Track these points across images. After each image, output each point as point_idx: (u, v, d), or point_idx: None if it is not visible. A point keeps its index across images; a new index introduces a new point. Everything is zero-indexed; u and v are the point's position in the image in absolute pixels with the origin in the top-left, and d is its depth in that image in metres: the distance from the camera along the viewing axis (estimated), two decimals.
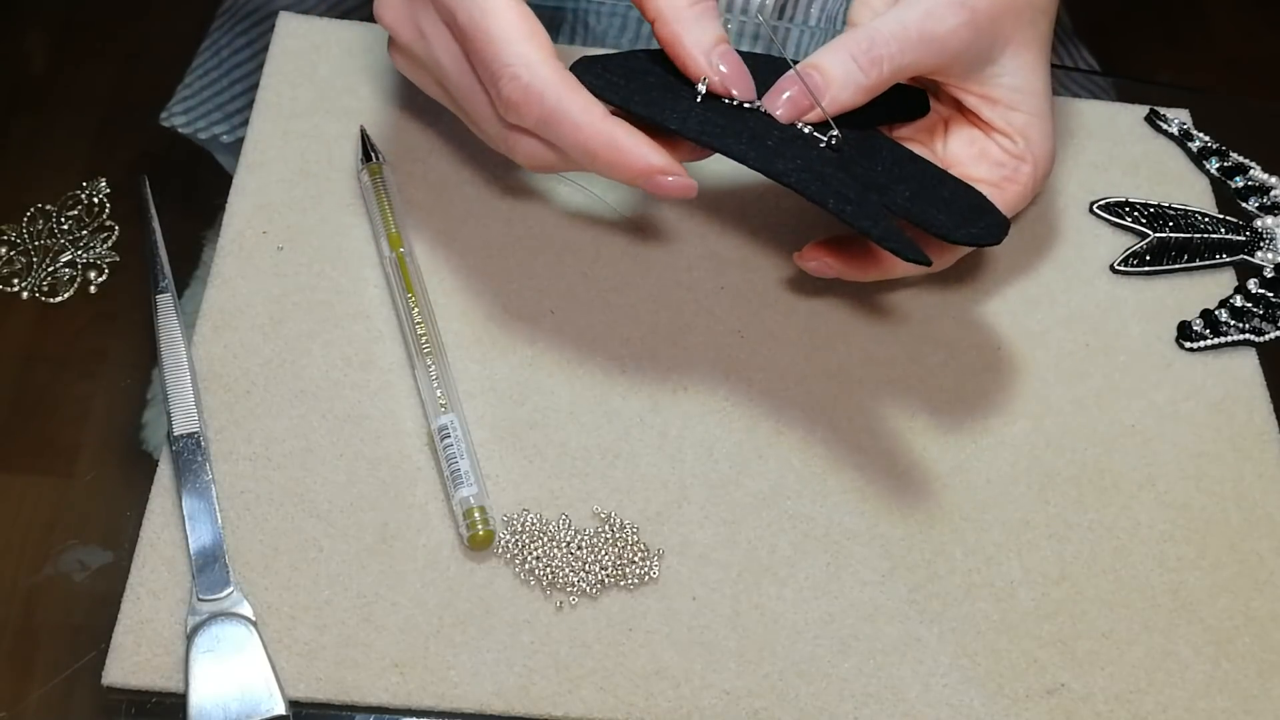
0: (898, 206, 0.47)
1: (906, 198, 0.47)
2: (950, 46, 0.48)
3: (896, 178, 0.48)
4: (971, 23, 0.48)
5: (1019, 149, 0.52)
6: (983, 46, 0.50)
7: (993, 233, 0.47)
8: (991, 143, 0.52)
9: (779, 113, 0.47)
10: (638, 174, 0.44)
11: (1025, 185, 0.52)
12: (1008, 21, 0.50)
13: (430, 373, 0.49)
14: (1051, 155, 0.53)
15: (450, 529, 0.47)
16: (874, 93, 0.48)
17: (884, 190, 0.47)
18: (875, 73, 0.47)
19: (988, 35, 0.49)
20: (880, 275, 0.52)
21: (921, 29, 0.48)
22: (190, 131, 0.59)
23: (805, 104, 0.47)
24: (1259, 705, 0.47)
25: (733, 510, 0.49)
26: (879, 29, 0.48)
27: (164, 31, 0.64)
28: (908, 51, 0.48)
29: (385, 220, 0.54)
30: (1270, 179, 0.62)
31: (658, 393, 0.52)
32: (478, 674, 0.44)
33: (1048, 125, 0.52)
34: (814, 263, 0.52)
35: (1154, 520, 0.51)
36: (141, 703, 0.43)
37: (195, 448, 0.47)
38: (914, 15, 0.48)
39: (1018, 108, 0.51)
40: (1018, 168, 0.52)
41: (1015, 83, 0.51)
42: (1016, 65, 0.51)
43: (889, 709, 0.45)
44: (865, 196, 0.46)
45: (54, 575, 0.46)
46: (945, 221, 0.47)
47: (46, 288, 0.53)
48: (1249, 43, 1.16)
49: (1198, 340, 0.56)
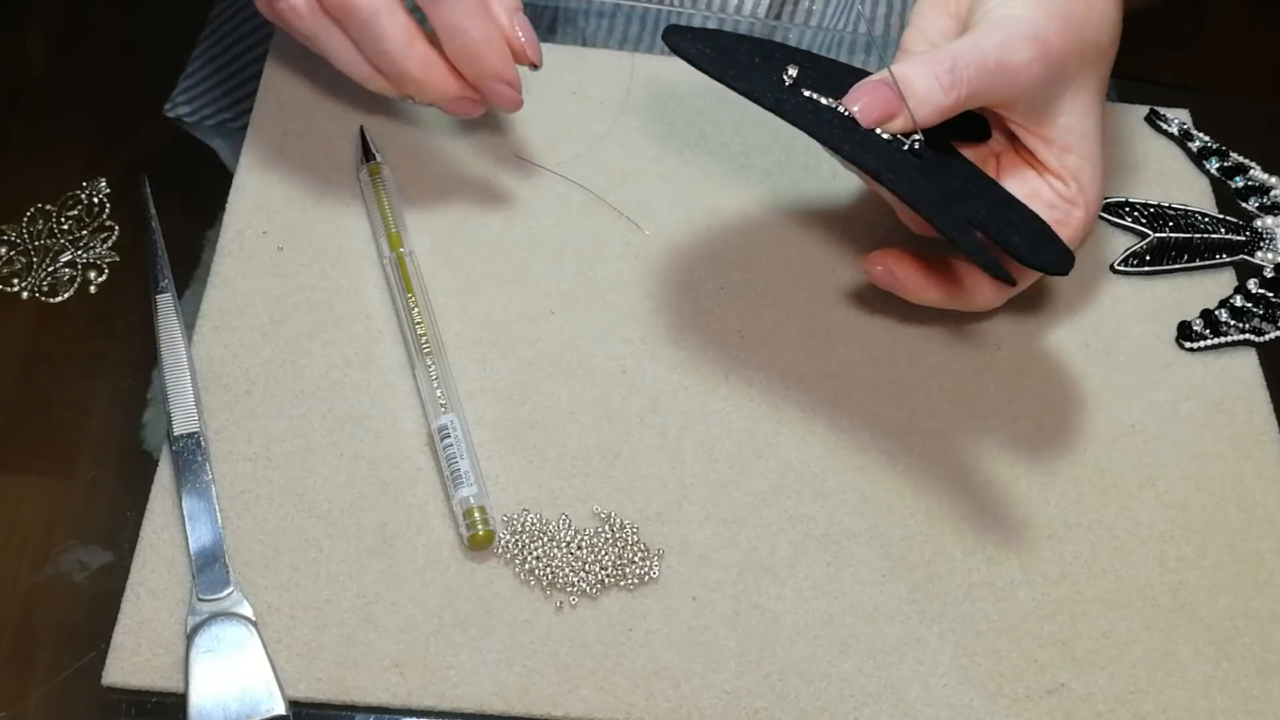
0: (976, 221, 0.46)
1: (984, 214, 0.46)
2: (1021, 80, 0.48)
3: (972, 192, 0.48)
4: (1043, 58, 0.48)
5: (1071, 193, 0.51)
6: (1050, 84, 0.49)
7: (1063, 262, 0.47)
8: (1044, 184, 0.51)
9: (860, 112, 0.46)
10: (450, 97, 0.51)
11: (1076, 230, 0.51)
12: (1073, 62, 0.49)
13: (430, 373, 0.49)
14: (1100, 201, 0.52)
15: (450, 529, 0.47)
16: (948, 114, 0.47)
17: (962, 202, 0.46)
18: (955, 94, 0.46)
19: (1056, 73, 0.48)
20: (946, 301, 0.51)
21: (999, 58, 0.47)
22: (196, 120, 0.59)
23: (890, 110, 0.46)
24: (1259, 705, 0.47)
25: (733, 510, 0.49)
26: (960, 51, 0.47)
27: (164, 31, 0.64)
28: (982, 78, 0.47)
29: (385, 220, 0.54)
30: (1270, 179, 0.62)
31: (658, 393, 0.52)
32: (478, 674, 0.44)
33: (1099, 170, 0.51)
34: (880, 269, 0.51)
35: (1154, 520, 0.51)
36: (141, 703, 0.43)
37: (195, 448, 0.47)
38: (991, 43, 0.47)
39: (1071, 150, 0.51)
40: (1069, 211, 0.51)
41: (1071, 124, 0.50)
42: (1075, 107, 0.50)
43: (889, 709, 0.45)
44: (948, 207, 0.45)
45: (54, 575, 0.46)
46: (1020, 244, 0.46)
47: (46, 288, 0.53)
48: (1249, 43, 1.16)
49: (1198, 340, 0.56)
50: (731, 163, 0.59)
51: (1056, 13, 0.48)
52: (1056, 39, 0.48)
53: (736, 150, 0.60)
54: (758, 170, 0.59)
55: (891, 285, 0.51)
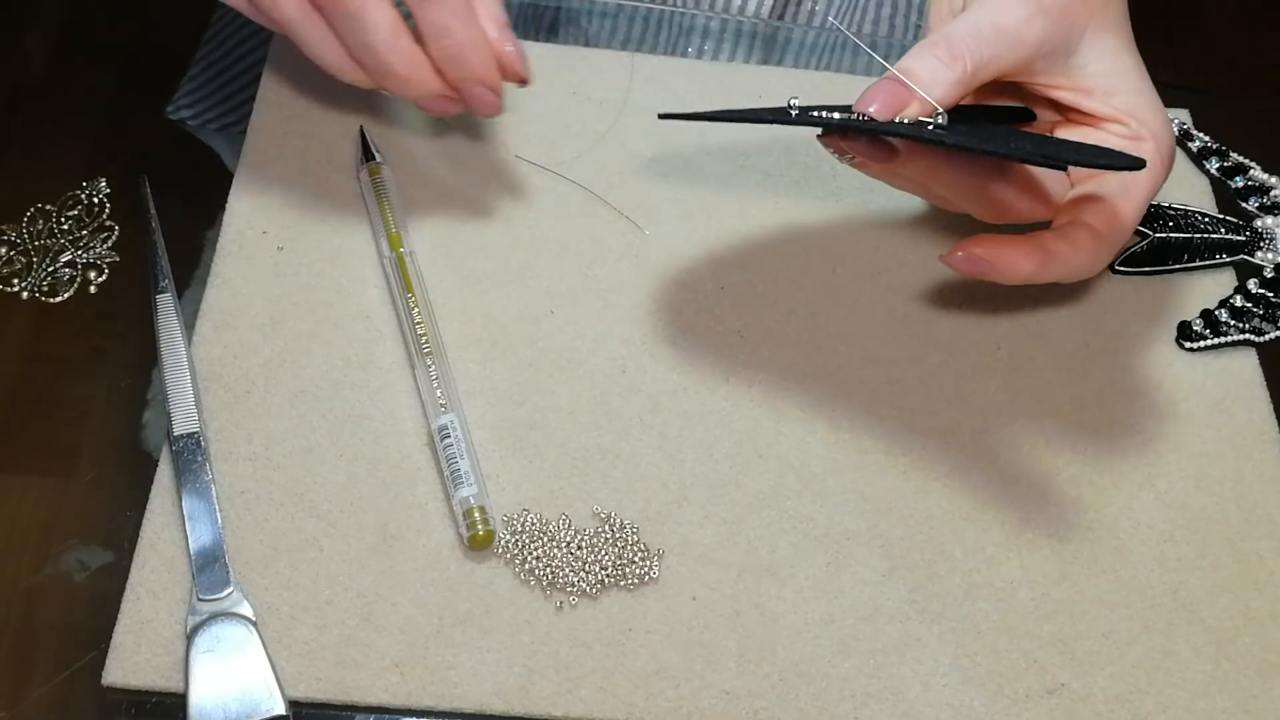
0: (1024, 153, 0.45)
1: (1030, 149, 0.46)
2: (1026, 38, 0.48)
3: (1016, 136, 0.48)
4: (1041, 12, 0.48)
5: (1134, 130, 0.50)
6: (1059, 37, 0.49)
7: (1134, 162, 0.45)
8: (1104, 133, 0.51)
9: (876, 111, 0.46)
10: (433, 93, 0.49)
11: (1154, 160, 0.50)
12: (1077, 8, 0.49)
13: (430, 373, 0.49)
14: (1168, 125, 0.51)
15: (450, 529, 0.47)
16: (964, 87, 0.47)
17: (1008, 143, 0.46)
18: (959, 67, 0.47)
19: (1061, 24, 0.48)
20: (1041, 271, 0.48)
21: (993, 23, 0.47)
22: (200, 123, 0.59)
23: (899, 101, 0.46)
24: (1259, 705, 0.47)
25: (733, 510, 0.49)
26: (952, 30, 0.47)
27: (164, 31, 0.64)
28: (984, 46, 0.47)
29: (385, 220, 0.54)
30: (1270, 179, 0.62)
31: (658, 393, 0.52)
32: (478, 674, 0.44)
33: (1153, 99, 0.51)
34: (962, 254, 0.48)
35: (1154, 520, 0.51)
36: (141, 703, 0.43)
37: (195, 448, 0.47)
38: (983, 14, 0.48)
39: (1116, 90, 0.50)
40: (1139, 148, 0.50)
41: (1103, 68, 0.50)
42: (1099, 51, 0.50)
43: (889, 709, 0.45)
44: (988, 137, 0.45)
45: (54, 575, 0.46)
46: (1080, 158, 0.45)
47: (46, 288, 0.53)
48: (1249, 43, 1.16)
49: (1198, 340, 0.56)
50: (731, 163, 0.59)
51: None
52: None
53: (736, 150, 0.60)
54: (758, 170, 0.59)
55: (980, 269, 0.48)
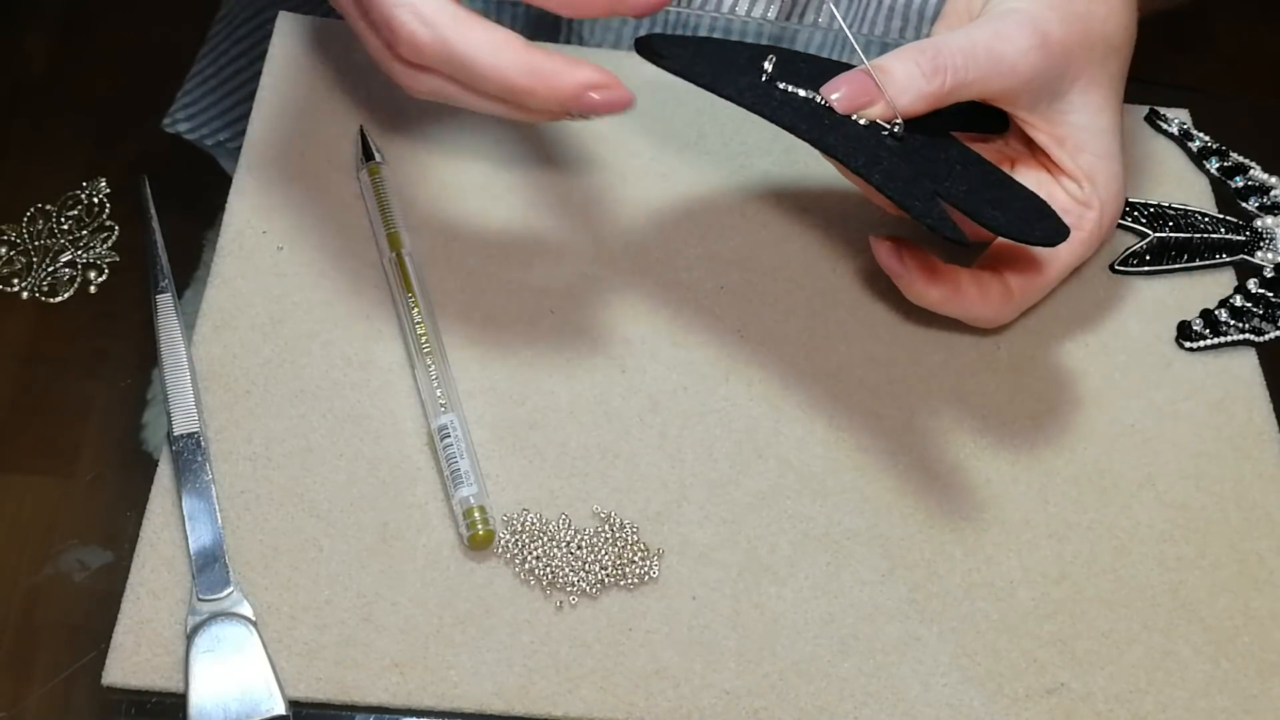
0: (952, 197, 0.45)
1: (963, 191, 0.46)
2: (1019, 71, 0.47)
3: (958, 174, 0.47)
4: (1042, 48, 0.47)
5: (1085, 194, 0.50)
6: (1052, 76, 0.48)
7: (1050, 236, 0.45)
8: (1058, 187, 0.51)
9: (839, 100, 0.46)
10: (569, 96, 0.41)
11: (1090, 233, 0.50)
12: (1079, 54, 0.48)
13: (430, 373, 0.50)
14: (1120, 199, 0.51)
15: (450, 529, 0.47)
16: (936, 101, 0.46)
17: (941, 181, 0.46)
18: (938, 81, 0.46)
19: (1058, 65, 0.48)
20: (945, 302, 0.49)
21: (990, 48, 0.47)
22: (195, 138, 0.59)
23: (865, 98, 0.46)
24: (1259, 705, 0.47)
25: (733, 510, 0.49)
26: (947, 41, 0.47)
27: (164, 32, 0.64)
28: (972, 68, 0.46)
29: (385, 220, 0.54)
30: (1270, 179, 0.62)
31: (658, 393, 0.52)
32: (478, 674, 0.44)
33: (1115, 168, 0.50)
34: (888, 245, 0.49)
35: (1154, 520, 0.51)
36: (141, 703, 0.43)
37: (195, 448, 0.47)
38: (984, 34, 0.47)
39: (1084, 148, 0.50)
40: (1083, 215, 0.50)
41: (1083, 121, 0.50)
42: (1085, 102, 0.49)
43: (889, 709, 0.45)
44: (918, 180, 0.45)
45: (54, 575, 0.46)
46: (1002, 220, 0.45)
47: (46, 288, 0.53)
48: (1249, 43, 1.16)
49: (1198, 340, 0.56)
50: (731, 163, 0.59)
51: (1058, 4, 0.48)
52: (1057, 30, 0.47)
53: (736, 150, 0.60)
54: (758, 170, 0.59)
55: (895, 269, 0.49)
